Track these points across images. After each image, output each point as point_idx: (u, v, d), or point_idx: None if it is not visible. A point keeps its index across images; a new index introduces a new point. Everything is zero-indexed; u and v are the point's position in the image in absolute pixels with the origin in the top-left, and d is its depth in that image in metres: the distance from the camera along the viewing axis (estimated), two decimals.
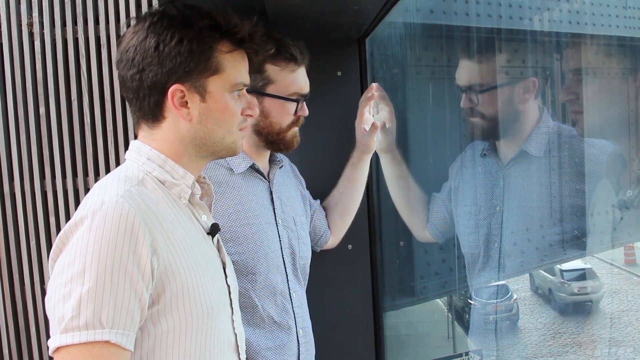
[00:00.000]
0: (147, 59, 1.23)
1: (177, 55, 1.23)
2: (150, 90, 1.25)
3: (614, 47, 2.34)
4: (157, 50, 1.23)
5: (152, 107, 1.27)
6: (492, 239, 2.26)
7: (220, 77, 1.28)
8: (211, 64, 1.26)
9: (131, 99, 1.30)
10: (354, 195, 2.18)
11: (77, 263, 1.10)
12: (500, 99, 2.14)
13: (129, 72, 1.26)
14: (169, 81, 1.24)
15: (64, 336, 1.08)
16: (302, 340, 1.92)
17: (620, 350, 3.92)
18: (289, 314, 1.89)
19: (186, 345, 1.22)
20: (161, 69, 1.23)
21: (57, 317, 1.10)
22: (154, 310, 1.17)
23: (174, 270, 1.19)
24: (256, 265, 1.82)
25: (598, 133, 2.17)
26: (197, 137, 1.29)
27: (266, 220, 1.88)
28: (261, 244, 1.84)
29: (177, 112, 1.26)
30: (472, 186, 2.34)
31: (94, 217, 1.12)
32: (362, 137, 2.15)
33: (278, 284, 1.87)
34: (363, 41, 2.31)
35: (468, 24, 2.44)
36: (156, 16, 1.26)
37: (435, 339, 5.02)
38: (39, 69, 2.97)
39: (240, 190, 1.86)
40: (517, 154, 2.19)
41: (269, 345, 1.81)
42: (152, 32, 1.24)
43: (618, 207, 2.17)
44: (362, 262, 2.34)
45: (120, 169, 1.30)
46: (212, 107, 1.28)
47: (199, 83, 1.26)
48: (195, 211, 1.34)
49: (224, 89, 1.29)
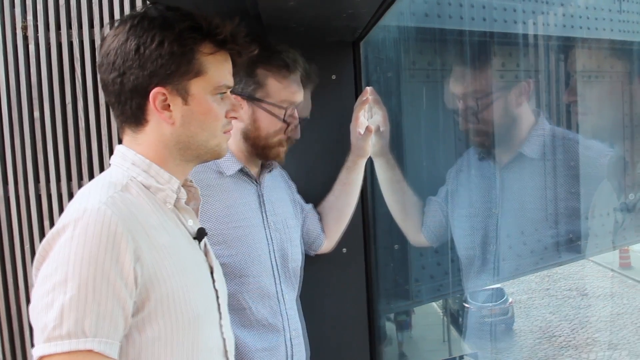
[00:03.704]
0: (128, 62, 1.22)
1: (158, 57, 1.21)
2: (132, 93, 1.24)
3: (609, 51, 2.35)
4: (138, 53, 1.21)
5: (134, 111, 1.26)
6: (489, 241, 2.26)
7: (203, 80, 1.26)
8: (193, 66, 1.24)
9: (113, 103, 1.28)
10: (349, 200, 2.18)
11: (59, 272, 1.09)
12: (497, 105, 2.15)
13: (110, 75, 1.24)
14: (151, 84, 1.22)
15: (46, 345, 1.07)
16: (294, 342, 1.92)
17: (616, 353, 3.94)
18: (279, 317, 1.89)
19: (173, 352, 1.20)
20: (142, 72, 1.22)
21: (40, 326, 1.09)
22: (138, 317, 1.16)
23: (158, 277, 1.17)
24: (246, 268, 1.81)
25: (595, 136, 2.18)
26: (180, 140, 1.28)
27: (256, 223, 1.88)
28: (251, 247, 1.84)
29: (160, 116, 1.25)
30: (469, 189, 2.34)
31: (75, 225, 1.11)
32: (357, 140, 2.15)
33: (268, 286, 1.87)
34: (357, 45, 2.31)
35: (461, 27, 2.44)
36: (137, 18, 1.24)
37: (431, 342, 5.03)
38: (34, 72, 2.96)
39: (229, 193, 1.86)
40: (514, 157, 2.20)
41: (259, 347, 1.81)
42: (132, 35, 1.22)
43: (620, 211, 2.18)
44: (356, 266, 2.34)
45: (105, 175, 1.29)
46: (194, 110, 1.27)
47: (181, 86, 1.24)
48: (181, 216, 1.33)
49: (207, 92, 1.27)
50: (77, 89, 2.98)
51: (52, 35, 2.97)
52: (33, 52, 2.97)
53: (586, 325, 12.28)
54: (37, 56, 2.97)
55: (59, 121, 2.98)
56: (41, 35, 2.97)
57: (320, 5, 1.79)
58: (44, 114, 2.97)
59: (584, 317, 12.93)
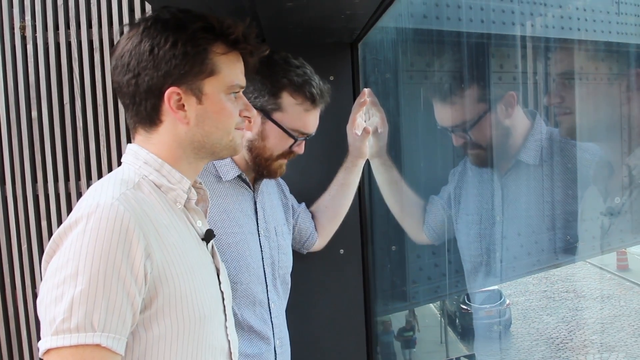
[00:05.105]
0: (142, 63, 1.24)
1: (172, 58, 1.23)
2: (147, 94, 1.25)
3: (605, 53, 2.35)
4: (152, 54, 1.23)
5: (149, 112, 1.27)
6: (493, 248, 2.28)
7: (216, 79, 1.28)
8: (206, 66, 1.26)
9: (128, 104, 1.29)
10: (345, 200, 2.19)
11: (70, 265, 1.09)
12: (484, 123, 2.17)
13: (125, 77, 1.26)
14: (165, 84, 1.24)
15: (54, 338, 1.08)
16: (278, 351, 1.93)
17: (613, 355, 3.94)
18: (267, 324, 1.90)
19: (178, 351, 1.21)
20: (157, 72, 1.24)
21: (49, 318, 1.09)
22: (145, 315, 1.17)
23: (167, 275, 1.18)
24: (237, 275, 1.81)
25: (590, 138, 2.19)
26: (195, 139, 1.30)
27: (249, 230, 1.89)
28: (243, 254, 1.85)
29: (175, 115, 1.26)
30: (472, 195, 2.35)
31: (88, 220, 1.12)
32: (355, 141, 2.15)
33: (258, 294, 1.87)
34: (356, 46, 2.31)
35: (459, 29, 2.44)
36: (150, 21, 1.26)
37: (428, 344, 5.04)
38: (32, 72, 2.96)
39: (226, 199, 1.87)
40: (513, 165, 2.21)
41: (247, 352, 1.81)
42: (146, 37, 1.24)
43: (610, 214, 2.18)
44: (354, 267, 2.34)
45: (117, 172, 1.29)
46: (209, 109, 1.28)
47: (195, 85, 1.26)
48: (190, 216, 1.34)
49: (220, 91, 1.29)
50: (75, 89, 2.98)
51: (50, 35, 2.98)
52: (31, 52, 2.97)
53: (583, 327, 12.29)
54: (35, 56, 2.97)
55: (57, 121, 2.98)
56: (39, 35, 2.97)
57: (319, 7, 1.79)
58: (42, 114, 2.97)
59: (581, 319, 12.94)
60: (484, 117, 2.17)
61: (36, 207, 3.02)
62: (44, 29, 2.97)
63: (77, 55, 2.98)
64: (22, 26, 2.96)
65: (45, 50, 2.98)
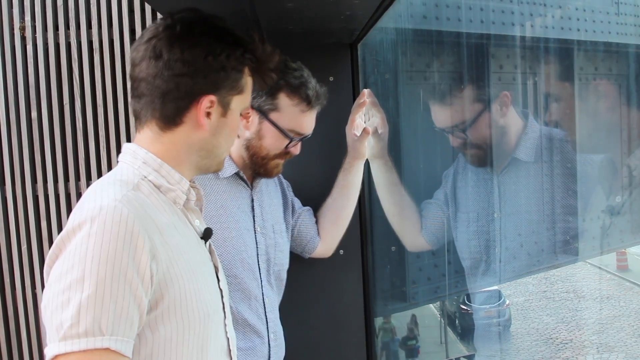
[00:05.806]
0: (193, 66, 1.25)
1: (221, 69, 1.27)
2: (184, 95, 1.26)
3: (605, 53, 2.36)
4: (206, 61, 1.25)
5: (175, 111, 1.28)
6: (492, 245, 2.28)
7: (241, 98, 1.34)
8: (239, 84, 1.32)
9: (153, 97, 1.28)
10: (346, 202, 2.18)
11: (76, 270, 1.09)
12: (487, 125, 2.19)
13: (166, 72, 1.25)
14: (206, 91, 1.27)
15: (62, 344, 1.07)
16: (272, 344, 1.96)
17: (613, 355, 3.94)
18: (261, 319, 1.93)
19: (184, 351, 1.21)
20: (203, 78, 1.26)
21: (55, 324, 1.08)
22: (151, 316, 1.17)
23: (172, 276, 1.18)
24: (232, 269, 1.84)
25: (589, 139, 2.19)
26: (204, 147, 1.32)
27: (245, 227, 1.92)
28: (238, 249, 1.88)
29: (199, 120, 1.28)
30: (468, 194, 2.35)
31: (92, 223, 1.11)
32: (353, 142, 2.15)
33: (253, 288, 1.91)
34: (355, 46, 2.32)
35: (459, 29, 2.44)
36: (207, 25, 1.29)
37: (428, 344, 5.04)
38: (31, 73, 2.96)
39: (223, 195, 1.91)
40: (509, 163, 2.22)
41: (241, 346, 1.82)
42: (205, 42, 1.26)
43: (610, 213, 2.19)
44: (353, 268, 2.34)
45: (115, 173, 1.29)
46: (228, 123, 1.33)
47: (227, 99, 1.30)
48: (189, 216, 1.34)
49: (240, 109, 1.35)
50: (74, 90, 2.98)
51: (50, 35, 2.97)
52: (31, 52, 2.96)
53: (583, 328, 12.29)
54: (34, 57, 2.97)
55: (57, 122, 2.97)
56: (39, 35, 2.96)
57: (318, 7, 1.79)
58: (42, 114, 2.96)
59: (581, 319, 12.94)
60: (482, 117, 2.18)
61: (36, 208, 3.02)
62: (43, 30, 2.97)
63: (76, 56, 2.97)
64: (21, 27, 2.96)
65: (45, 51, 2.98)
